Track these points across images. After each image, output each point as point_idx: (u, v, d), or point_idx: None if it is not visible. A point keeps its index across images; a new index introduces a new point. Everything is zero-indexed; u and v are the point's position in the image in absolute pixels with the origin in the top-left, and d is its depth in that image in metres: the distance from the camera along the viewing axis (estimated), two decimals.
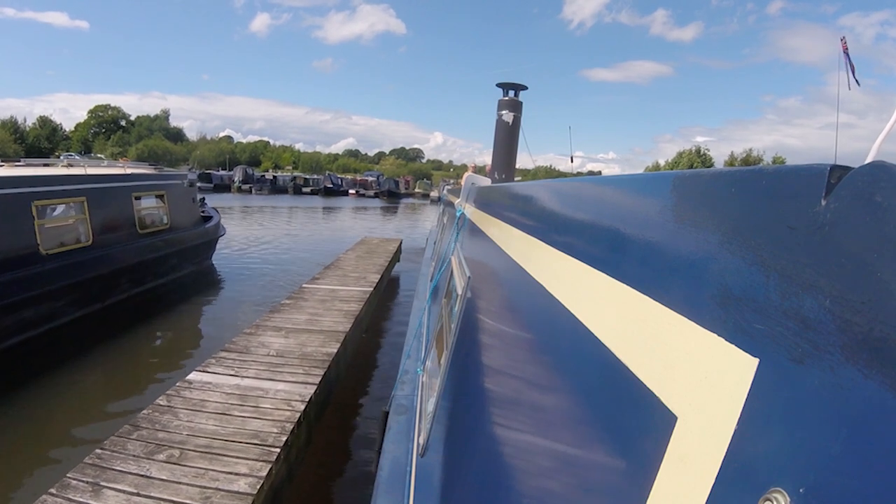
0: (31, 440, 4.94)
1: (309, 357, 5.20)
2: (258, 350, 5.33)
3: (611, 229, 0.97)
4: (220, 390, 4.30)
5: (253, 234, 21.57)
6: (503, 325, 1.77)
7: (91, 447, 3.52)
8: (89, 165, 9.60)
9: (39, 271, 7.00)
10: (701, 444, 0.51)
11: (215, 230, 13.53)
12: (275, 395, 4.26)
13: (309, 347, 5.50)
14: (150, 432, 3.57)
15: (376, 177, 68.76)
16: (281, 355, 5.20)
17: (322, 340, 5.72)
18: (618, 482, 0.68)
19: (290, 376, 4.67)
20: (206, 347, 7.37)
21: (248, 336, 5.79)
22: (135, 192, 9.67)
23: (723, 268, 0.56)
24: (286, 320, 6.48)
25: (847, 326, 0.38)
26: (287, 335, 5.87)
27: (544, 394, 1.13)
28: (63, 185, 7.84)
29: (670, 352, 0.61)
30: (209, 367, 4.79)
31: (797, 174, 0.48)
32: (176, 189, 11.39)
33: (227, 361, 4.97)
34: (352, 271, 10.01)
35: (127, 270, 9.13)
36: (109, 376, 6.73)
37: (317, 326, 6.26)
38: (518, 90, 7.29)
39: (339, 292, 8.13)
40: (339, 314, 6.84)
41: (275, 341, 5.64)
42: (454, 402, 2.17)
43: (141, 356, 7.48)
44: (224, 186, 54.25)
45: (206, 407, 3.98)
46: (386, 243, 14.38)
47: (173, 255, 10.85)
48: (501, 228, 2.37)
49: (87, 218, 8.17)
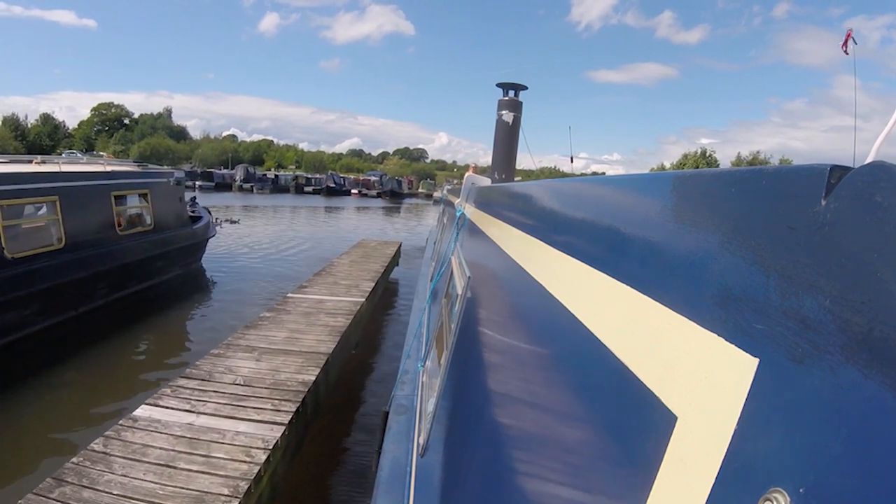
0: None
1: (281, 387, 4.47)
2: (223, 377, 4.60)
3: (611, 229, 0.97)
4: (169, 431, 3.62)
5: (250, 233, 21.45)
6: (503, 326, 1.78)
7: (38, 478, 3.09)
8: (64, 163, 8.83)
9: (4, 277, 6.45)
10: (701, 444, 0.51)
11: (204, 231, 12.98)
12: (232, 440, 3.56)
13: (283, 373, 4.76)
14: (74, 490, 2.94)
15: (379, 177, 68.75)
16: (248, 384, 4.49)
17: (299, 364, 5.01)
18: (618, 482, 0.68)
19: (255, 413, 3.98)
20: (187, 359, 6.75)
21: (214, 359, 5.03)
22: (114, 190, 9.07)
23: (723, 268, 0.56)
24: (261, 338, 5.71)
25: (847, 326, 0.38)
26: (259, 357, 5.15)
27: (544, 394, 1.13)
28: (33, 183, 7.21)
29: (670, 352, 0.61)
30: (161, 400, 4.08)
31: (797, 174, 0.48)
32: (161, 188, 10.80)
33: (184, 392, 4.24)
34: (344, 278, 9.28)
35: (105, 275, 8.53)
36: (77, 394, 6.06)
37: (296, 346, 5.52)
38: (518, 90, 7.30)
39: (327, 304, 7.37)
40: (324, 331, 6.08)
41: (244, 366, 4.90)
42: (454, 402, 2.17)
43: (116, 369, 6.81)
44: (225, 185, 54.40)
45: (147, 455, 3.30)
46: (383, 246, 13.79)
47: (157, 257, 10.28)
48: (501, 228, 2.37)
49: (60, 219, 7.52)
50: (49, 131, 77.19)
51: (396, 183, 65.47)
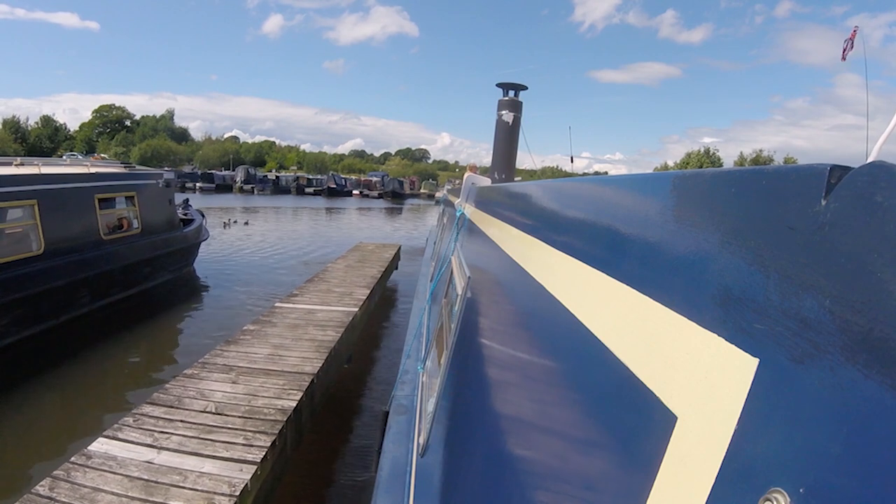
0: None
1: (257, 415, 3.98)
2: (192, 403, 4.10)
3: (611, 229, 0.97)
4: (125, 471, 3.17)
5: (250, 234, 21.27)
6: (503, 326, 1.77)
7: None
8: (44, 164, 8.31)
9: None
10: (701, 445, 0.51)
11: (196, 234, 12.51)
12: (195, 484, 3.09)
13: (261, 398, 4.26)
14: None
15: (381, 177, 68.75)
16: (221, 412, 3.98)
17: (280, 387, 4.50)
18: (618, 482, 0.68)
19: (224, 448, 3.48)
20: (172, 373, 6.13)
21: (186, 381, 4.53)
22: (98, 193, 8.64)
23: (723, 268, 0.56)
24: (241, 356, 5.19)
25: (847, 326, 0.38)
26: (237, 379, 4.62)
27: (544, 394, 1.13)
28: (9, 186, 6.86)
29: (670, 352, 0.61)
30: (121, 432, 3.60)
31: (797, 174, 0.48)
32: (149, 190, 10.38)
33: (148, 422, 3.77)
34: (337, 285, 8.74)
35: (87, 282, 8.12)
36: (55, 413, 5.66)
37: (278, 365, 5.00)
38: (518, 90, 7.30)
39: (318, 314, 6.90)
40: (311, 347, 5.59)
41: (218, 389, 4.38)
42: (454, 402, 2.17)
43: (97, 386, 6.39)
44: (226, 186, 54.54)
45: (96, 503, 2.91)
46: (381, 250, 13.21)
47: (145, 262, 9.90)
48: (501, 228, 2.37)
49: (39, 223, 7.16)
50: (49, 133, 77.32)
51: (398, 183, 65.47)
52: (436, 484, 2.03)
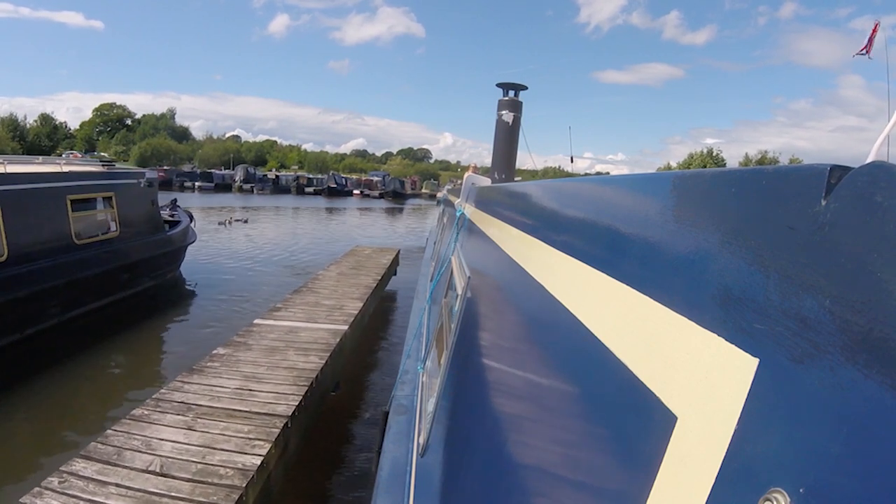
0: None
1: (210, 477, 3.11)
2: (135, 458, 3.26)
3: (611, 229, 0.97)
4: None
5: (250, 234, 21.02)
6: (503, 326, 1.78)
7: None
8: (9, 163, 7.68)
9: None
10: (701, 445, 0.51)
11: (182, 237, 11.74)
12: None
13: (218, 453, 3.38)
14: None
15: (382, 177, 68.54)
16: (166, 473, 3.14)
17: (244, 437, 3.61)
18: (618, 482, 0.68)
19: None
20: (143, 396, 5.11)
21: (133, 425, 3.67)
22: (70, 194, 8.01)
23: (723, 268, 0.56)
24: (203, 390, 4.28)
25: (847, 326, 0.38)
26: (193, 423, 3.75)
27: (544, 394, 1.13)
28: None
29: (670, 352, 0.61)
30: (41, 499, 2.84)
31: (797, 174, 0.48)
32: (129, 190, 9.68)
33: (76, 486, 2.95)
34: (327, 297, 7.82)
35: (57, 290, 7.44)
36: (17, 438, 5.07)
37: (246, 404, 4.11)
38: (518, 90, 7.29)
39: (301, 333, 6.01)
40: (288, 377, 4.67)
41: (169, 438, 3.53)
42: (454, 402, 2.17)
43: (63, 407, 5.74)
44: (225, 186, 54.45)
45: None
46: (379, 254, 12.26)
47: (123, 268, 9.23)
48: (501, 228, 2.37)
49: (1, 227, 6.64)
50: (48, 132, 77.20)
51: (399, 183, 65.22)
52: (436, 484, 2.03)
